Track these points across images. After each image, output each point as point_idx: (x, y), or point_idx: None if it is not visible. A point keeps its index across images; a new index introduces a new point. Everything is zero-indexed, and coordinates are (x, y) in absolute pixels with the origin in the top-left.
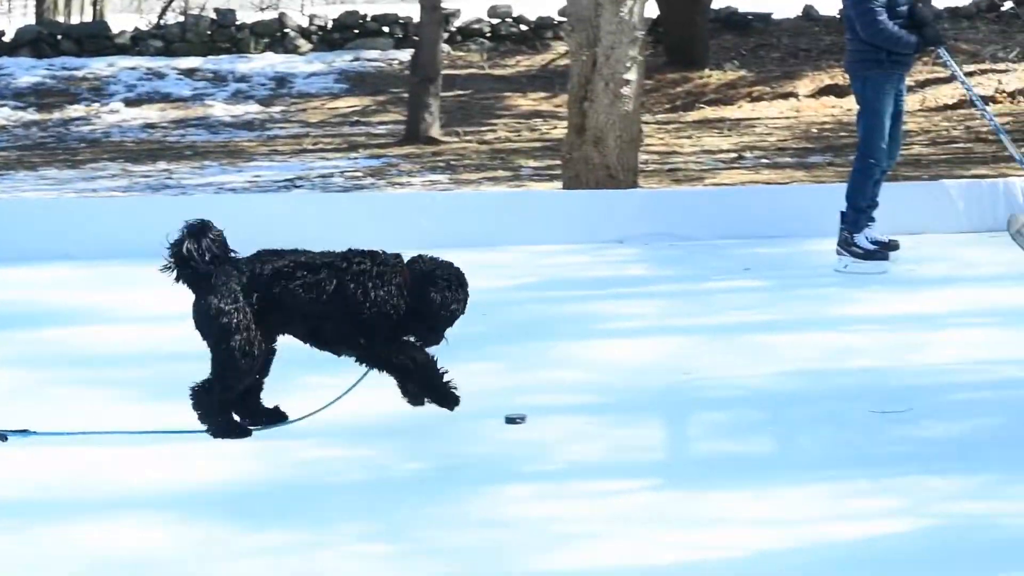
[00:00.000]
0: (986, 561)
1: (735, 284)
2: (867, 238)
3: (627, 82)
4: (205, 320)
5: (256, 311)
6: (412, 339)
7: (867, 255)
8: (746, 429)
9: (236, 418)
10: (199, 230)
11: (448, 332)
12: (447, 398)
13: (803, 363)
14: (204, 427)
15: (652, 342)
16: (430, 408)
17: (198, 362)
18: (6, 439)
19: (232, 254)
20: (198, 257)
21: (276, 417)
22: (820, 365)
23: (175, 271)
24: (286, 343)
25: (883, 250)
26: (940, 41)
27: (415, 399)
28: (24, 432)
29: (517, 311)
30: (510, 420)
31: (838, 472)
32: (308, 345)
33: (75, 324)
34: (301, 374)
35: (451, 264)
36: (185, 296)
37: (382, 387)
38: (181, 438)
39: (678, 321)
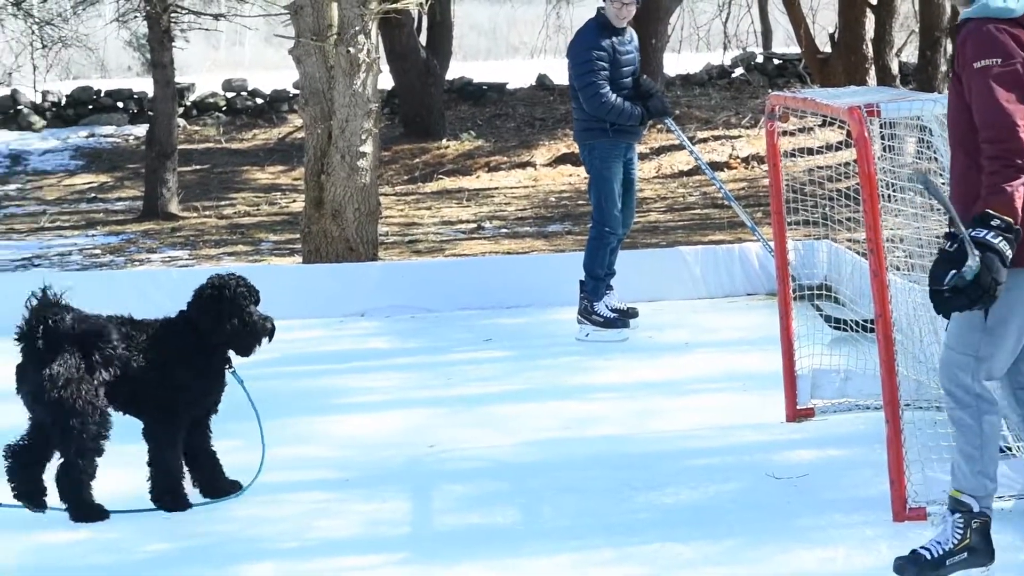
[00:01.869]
0: None
1: (477, 355)
2: (606, 306)
3: (363, 154)
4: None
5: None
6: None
7: (607, 323)
8: (491, 500)
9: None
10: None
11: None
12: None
13: (545, 432)
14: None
15: (395, 415)
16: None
17: None
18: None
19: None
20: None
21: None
22: (562, 434)
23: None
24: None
25: (622, 317)
26: (666, 112)
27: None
28: None
29: (256, 387)
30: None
31: (582, 541)
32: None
33: None
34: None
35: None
36: None
37: (126, 466)
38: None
39: (421, 393)
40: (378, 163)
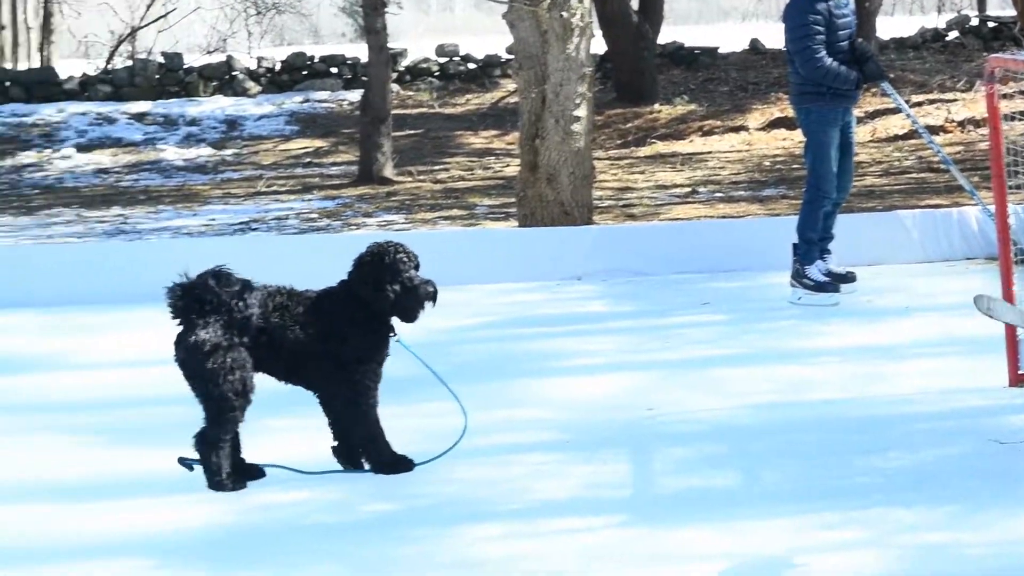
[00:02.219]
0: None
1: (694, 319)
2: (819, 270)
3: (577, 119)
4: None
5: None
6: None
7: (818, 287)
8: (710, 463)
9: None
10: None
11: (408, 372)
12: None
13: (764, 396)
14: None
15: (613, 378)
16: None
17: (157, 407)
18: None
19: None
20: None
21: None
22: (781, 398)
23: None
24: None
25: (836, 282)
26: (882, 76)
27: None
28: None
29: (476, 350)
30: (183, 462)
31: (803, 505)
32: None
33: (31, 371)
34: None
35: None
36: (141, 341)
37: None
38: (146, 485)
39: (638, 357)
40: (592, 127)
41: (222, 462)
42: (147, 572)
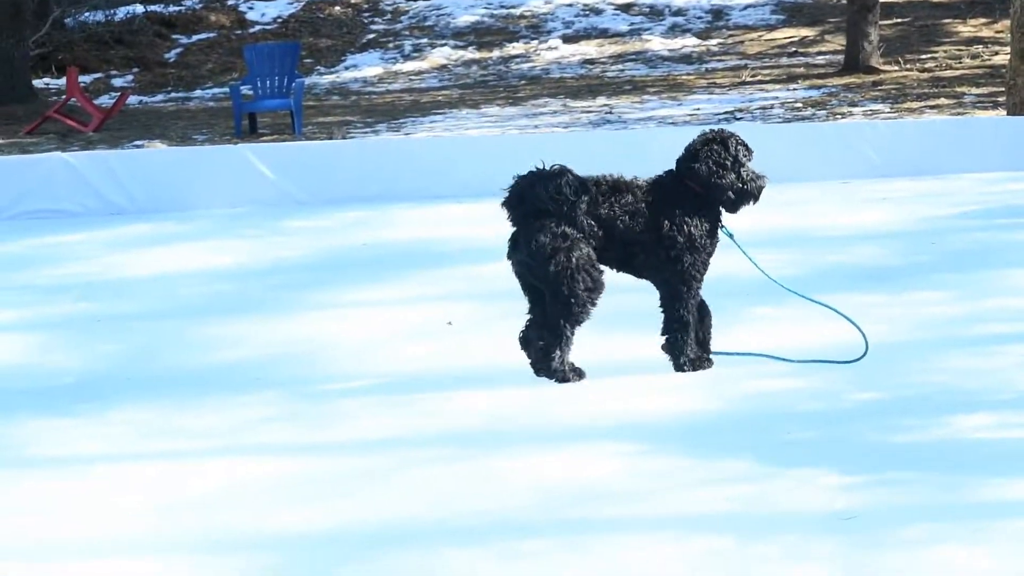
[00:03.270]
0: None
1: None
2: None
3: None
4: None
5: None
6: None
7: None
8: None
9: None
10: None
11: (894, 261)
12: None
13: None
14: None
15: None
16: (874, 339)
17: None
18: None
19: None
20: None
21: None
22: None
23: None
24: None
25: None
26: None
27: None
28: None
29: (965, 239)
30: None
31: None
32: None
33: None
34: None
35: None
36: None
37: (838, 319)
38: (632, 370)
39: None
40: None
41: (567, 356)
42: (635, 457)
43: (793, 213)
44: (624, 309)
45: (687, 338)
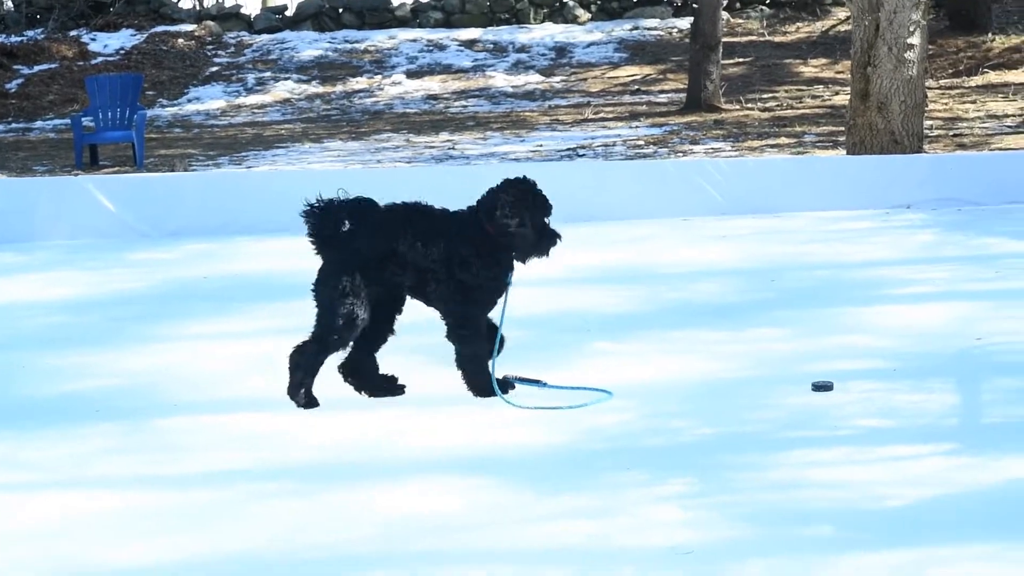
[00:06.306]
0: None
1: None
2: None
3: (911, 46)
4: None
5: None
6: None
7: None
8: None
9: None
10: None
11: (735, 298)
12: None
13: None
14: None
15: (942, 307)
16: (722, 375)
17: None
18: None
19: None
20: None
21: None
22: None
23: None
24: None
25: None
26: None
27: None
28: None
29: (804, 277)
30: (817, 387)
31: None
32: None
33: None
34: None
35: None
36: None
37: (678, 354)
38: (473, 403)
39: (968, 286)
40: (925, 55)
41: (307, 381)
42: (472, 491)
43: (635, 250)
44: None
45: (482, 367)
